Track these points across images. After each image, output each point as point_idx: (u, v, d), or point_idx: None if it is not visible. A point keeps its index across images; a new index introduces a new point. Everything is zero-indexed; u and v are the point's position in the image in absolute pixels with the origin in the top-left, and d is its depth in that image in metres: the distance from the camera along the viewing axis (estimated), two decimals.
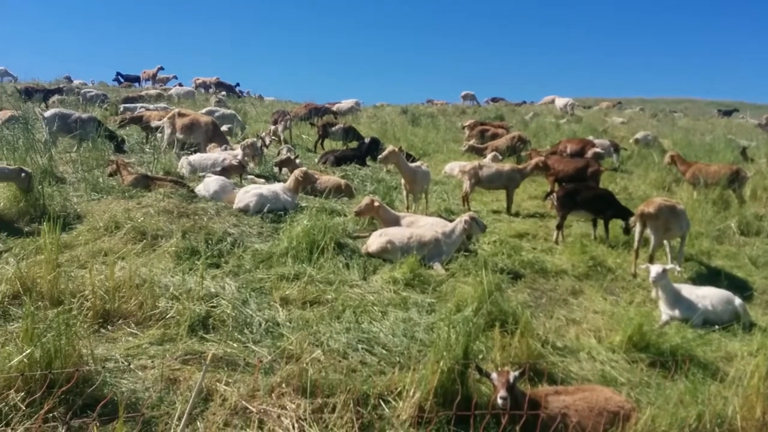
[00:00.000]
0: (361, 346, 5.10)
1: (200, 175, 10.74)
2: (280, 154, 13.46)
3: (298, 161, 12.39)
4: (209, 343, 4.97)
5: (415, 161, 11.70)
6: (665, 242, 8.73)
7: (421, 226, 8.34)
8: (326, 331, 5.30)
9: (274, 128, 17.33)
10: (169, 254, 6.81)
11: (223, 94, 27.72)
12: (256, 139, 13.27)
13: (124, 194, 8.96)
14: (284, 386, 4.23)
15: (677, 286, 7.00)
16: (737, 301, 6.97)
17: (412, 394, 4.19)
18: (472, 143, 17.13)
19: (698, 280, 8.23)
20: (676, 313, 6.75)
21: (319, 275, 6.63)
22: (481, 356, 5.06)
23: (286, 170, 12.05)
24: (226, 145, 12.78)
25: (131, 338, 4.94)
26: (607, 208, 9.65)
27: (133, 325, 5.12)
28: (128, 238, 7.12)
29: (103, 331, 5.04)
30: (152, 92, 24.37)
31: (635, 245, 8.45)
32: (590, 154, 14.27)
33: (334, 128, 17.70)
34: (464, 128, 20.02)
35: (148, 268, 6.06)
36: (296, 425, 3.88)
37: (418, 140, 19.30)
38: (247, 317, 5.44)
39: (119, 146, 12.84)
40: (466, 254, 8.05)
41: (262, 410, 3.98)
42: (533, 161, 11.80)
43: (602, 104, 37.04)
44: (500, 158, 14.62)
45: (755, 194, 12.78)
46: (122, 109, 17.47)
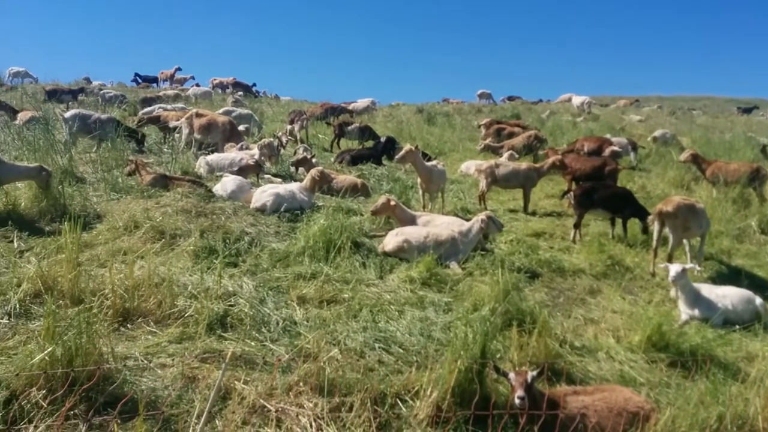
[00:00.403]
0: (378, 345, 5.10)
1: (218, 174, 10.83)
2: (296, 153, 13.52)
3: (314, 161, 12.43)
4: (227, 341, 5.01)
5: (430, 160, 11.68)
6: (685, 241, 8.64)
7: (437, 225, 8.33)
8: (343, 330, 5.32)
9: (290, 128, 17.39)
10: (187, 253, 6.87)
11: (240, 94, 27.87)
12: (272, 138, 13.33)
13: (142, 194, 9.05)
14: (302, 385, 4.25)
15: (697, 285, 6.93)
16: (758, 300, 6.87)
17: (429, 393, 4.19)
18: (488, 142, 17.07)
19: (718, 279, 8.13)
20: (695, 312, 6.68)
21: (335, 274, 6.65)
22: (498, 356, 5.05)
23: (302, 170, 12.10)
24: (243, 143, 12.87)
25: (150, 336, 4.99)
26: (625, 206, 9.57)
27: (152, 323, 5.18)
28: (147, 237, 7.19)
29: (122, 329, 5.10)
30: (170, 92, 24.57)
31: (654, 244, 8.36)
32: (608, 152, 14.15)
33: (350, 127, 17.73)
34: (480, 127, 19.94)
35: (166, 267, 6.12)
36: (314, 424, 3.90)
37: (434, 139, 19.26)
38: (264, 316, 5.48)
39: (140, 142, 13.00)
40: (482, 253, 8.03)
41: (280, 409, 4.00)
42: (550, 160, 11.72)
43: (619, 102, 36.69)
44: (517, 157, 14.55)
45: None
46: (142, 114, 17.61)
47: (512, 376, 4.03)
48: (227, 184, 9.72)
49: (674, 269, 6.73)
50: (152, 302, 5.35)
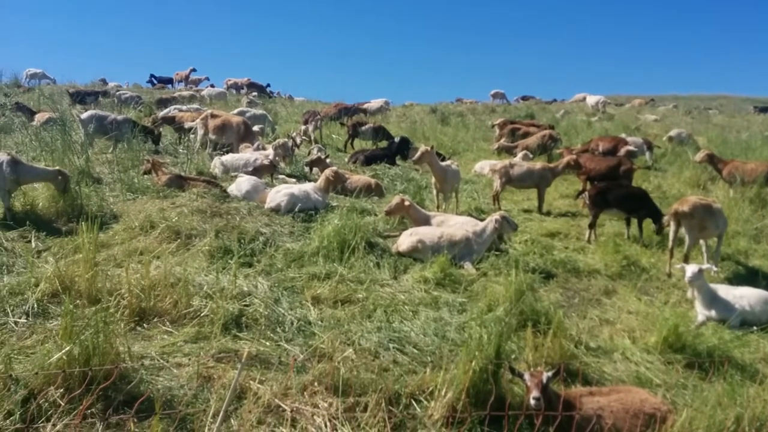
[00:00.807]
0: (392, 345, 5.10)
1: (232, 175, 10.89)
2: (310, 153, 13.56)
3: (328, 161, 12.45)
4: (243, 341, 5.04)
5: (444, 160, 11.67)
6: (701, 241, 8.55)
7: (451, 225, 8.32)
8: (357, 330, 5.33)
9: (304, 128, 17.45)
10: (202, 253, 6.91)
11: (254, 94, 28.00)
12: (287, 139, 13.38)
13: (158, 194, 9.13)
14: (316, 385, 4.26)
15: (714, 286, 6.85)
16: None
17: (444, 393, 4.18)
18: (502, 142, 17.01)
19: (735, 280, 8.05)
20: (712, 313, 6.61)
21: (350, 274, 6.66)
22: (513, 356, 5.03)
23: (316, 170, 12.13)
24: (258, 143, 12.94)
25: (166, 336, 5.03)
26: (640, 207, 9.50)
27: (168, 323, 5.21)
28: (163, 237, 7.24)
29: (139, 329, 5.14)
30: (185, 93, 24.71)
31: (670, 244, 8.29)
32: (623, 152, 14.03)
33: (363, 128, 17.76)
34: (494, 127, 19.88)
35: (182, 267, 6.17)
36: (329, 424, 3.91)
37: (447, 139, 19.25)
38: (279, 316, 5.50)
39: (156, 141, 13.12)
40: (497, 253, 8.01)
41: (295, 408, 4.01)
42: (565, 160, 11.66)
43: (635, 101, 36.36)
44: (531, 157, 14.49)
45: None
46: (159, 117, 17.76)
47: (527, 376, 4.02)
48: (242, 184, 9.78)
49: (691, 270, 6.66)
50: (168, 302, 5.39)
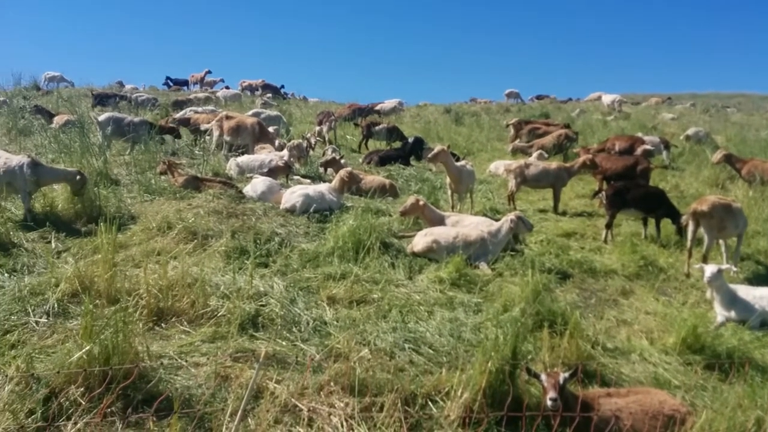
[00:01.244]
0: (407, 345, 5.10)
1: (248, 176, 10.95)
2: (325, 154, 13.60)
3: (343, 161, 12.49)
4: (259, 341, 5.07)
5: (459, 160, 11.64)
6: (721, 241, 8.47)
7: (466, 225, 8.30)
8: (373, 330, 5.33)
9: (318, 129, 17.50)
10: (219, 254, 6.96)
11: (268, 96, 28.11)
12: (301, 140, 13.44)
13: (175, 195, 9.21)
14: (333, 384, 4.28)
15: (733, 286, 6.77)
16: None
17: (460, 394, 4.18)
18: (517, 143, 16.92)
19: (755, 280, 7.95)
20: (732, 314, 6.54)
21: (365, 275, 6.67)
22: (529, 357, 5.01)
23: (331, 170, 12.17)
24: (279, 141, 13.07)
25: (184, 336, 5.07)
26: (658, 206, 9.42)
27: (185, 323, 5.26)
28: (180, 238, 7.30)
29: (157, 328, 5.19)
30: (200, 95, 24.89)
31: (688, 244, 8.21)
32: (640, 151, 13.91)
33: (377, 128, 17.77)
34: (508, 126, 19.79)
35: (199, 267, 6.20)
36: (345, 424, 3.92)
37: (461, 139, 19.20)
38: (295, 316, 5.52)
39: (177, 135, 13.28)
40: (512, 254, 7.97)
41: (311, 408, 4.03)
42: (581, 159, 11.58)
43: (651, 100, 36.02)
44: (546, 156, 14.41)
45: None
46: (174, 118, 17.91)
47: (544, 377, 4.00)
48: (257, 185, 9.83)
49: (710, 270, 6.59)
50: (185, 302, 5.44)
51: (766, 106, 39.34)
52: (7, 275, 6.08)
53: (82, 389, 3.97)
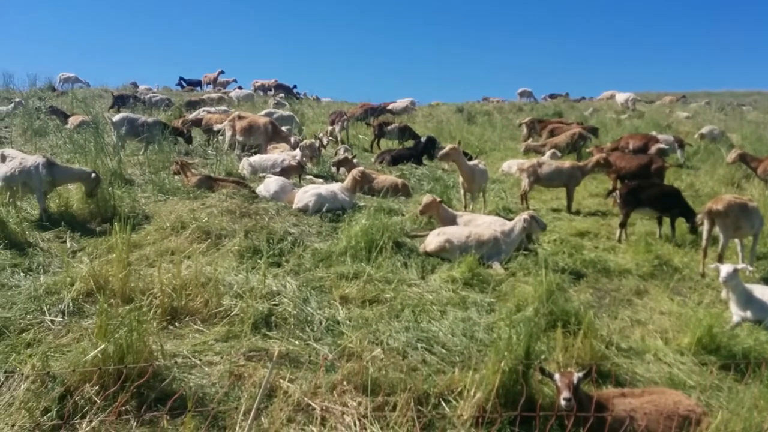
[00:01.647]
0: (420, 345, 5.10)
1: (261, 175, 10.99)
2: (337, 154, 13.61)
3: (355, 161, 12.50)
4: (272, 340, 5.08)
5: (471, 159, 11.61)
6: (737, 241, 8.37)
7: (479, 224, 8.28)
8: (386, 329, 5.33)
9: (331, 129, 17.53)
10: (232, 253, 6.99)
11: (281, 95, 28.19)
12: (314, 139, 13.47)
13: (188, 195, 9.26)
14: (345, 384, 4.28)
15: (749, 286, 6.68)
16: None
17: (473, 393, 4.16)
18: (529, 142, 16.84)
19: None
20: (748, 314, 6.45)
21: (377, 274, 6.67)
22: (543, 357, 4.98)
23: (343, 170, 12.18)
24: (294, 139, 13.16)
25: (198, 335, 5.10)
26: (673, 205, 9.33)
27: (199, 322, 5.29)
28: (193, 237, 7.35)
29: (171, 327, 5.22)
30: (213, 96, 25.01)
31: (703, 244, 8.12)
32: (654, 150, 13.78)
33: (389, 128, 17.77)
34: (521, 125, 19.71)
35: (212, 266, 6.24)
36: (358, 423, 3.92)
37: (474, 138, 19.14)
38: (308, 315, 5.54)
39: (189, 139, 13.37)
40: (525, 253, 7.94)
41: (324, 407, 4.04)
42: (594, 158, 11.50)
43: (665, 99, 35.63)
44: (559, 155, 14.33)
45: None
46: (187, 120, 18.01)
47: (557, 377, 3.97)
48: (270, 184, 9.87)
49: (725, 270, 6.52)
50: (199, 301, 5.47)
51: None
52: (23, 274, 6.16)
53: (96, 388, 4.00)
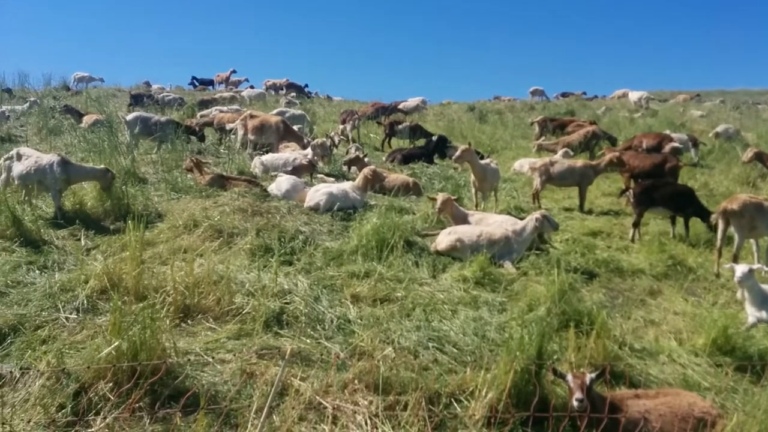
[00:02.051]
0: (431, 344, 5.09)
1: (272, 174, 11.02)
2: (348, 153, 13.62)
3: (366, 160, 12.50)
4: (284, 338, 5.10)
5: (483, 158, 11.58)
6: (752, 240, 8.28)
7: (490, 224, 8.25)
8: (397, 328, 5.32)
9: (342, 128, 17.56)
10: (244, 251, 7.02)
11: (292, 95, 28.28)
12: (325, 138, 13.49)
13: (201, 193, 9.30)
14: (357, 382, 4.28)
15: (765, 286, 6.60)
16: None
17: (484, 393, 4.15)
18: (541, 140, 16.76)
19: None
20: (763, 315, 6.36)
21: (388, 273, 6.66)
22: (555, 357, 4.95)
23: (354, 169, 12.19)
24: (308, 139, 13.19)
25: (210, 333, 5.13)
26: (687, 205, 9.25)
27: (211, 319, 5.31)
28: (206, 235, 7.38)
29: (183, 325, 5.25)
30: (226, 95, 25.11)
31: (718, 244, 8.05)
32: (668, 149, 13.67)
33: (400, 126, 17.77)
34: (533, 124, 19.62)
35: (224, 265, 6.26)
36: (369, 422, 3.92)
37: (485, 137, 19.10)
38: (319, 314, 5.54)
39: (201, 138, 13.44)
40: (537, 253, 7.90)
41: (336, 406, 4.04)
42: (607, 157, 11.42)
43: (679, 97, 35.31)
44: (572, 154, 14.25)
45: None
46: (200, 117, 18.06)
47: (570, 378, 3.94)
48: (282, 183, 9.89)
49: (740, 270, 6.44)
50: (211, 299, 5.50)
51: None
52: (38, 272, 6.22)
53: (110, 384, 4.03)
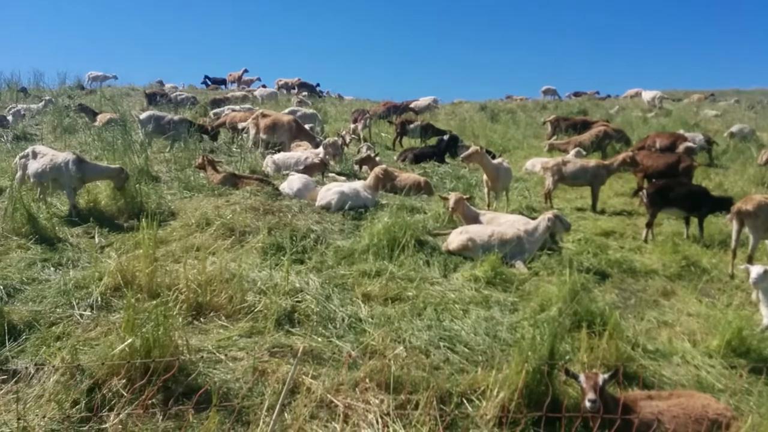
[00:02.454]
0: (442, 343, 5.08)
1: (284, 173, 11.05)
2: (360, 152, 13.63)
3: (377, 159, 12.50)
4: (295, 336, 5.11)
5: (495, 158, 11.54)
6: (767, 242, 8.19)
7: (501, 223, 8.22)
8: (408, 328, 5.32)
9: (353, 127, 17.56)
10: (256, 250, 7.04)
11: (304, 94, 28.35)
12: (336, 137, 13.50)
13: (213, 192, 9.36)
14: (368, 381, 4.28)
15: None
16: None
17: (496, 393, 4.14)
18: (552, 141, 16.68)
19: None
20: None
21: (399, 272, 6.66)
22: (567, 357, 4.93)
23: (366, 168, 12.19)
24: (318, 140, 13.19)
25: (222, 330, 5.15)
26: (701, 205, 9.16)
27: (223, 317, 5.34)
28: (218, 234, 7.42)
29: (196, 323, 5.28)
30: (238, 94, 25.20)
31: (733, 244, 7.97)
32: (682, 148, 13.54)
33: (411, 126, 17.76)
34: (545, 123, 19.53)
35: (236, 263, 6.30)
36: (380, 420, 3.92)
37: (497, 136, 19.04)
38: (330, 312, 5.55)
39: (214, 137, 13.50)
40: (549, 253, 7.86)
41: (347, 404, 4.05)
42: (620, 156, 11.34)
43: (693, 97, 35.00)
44: (584, 154, 14.17)
45: None
46: (213, 115, 18.14)
47: (583, 378, 3.93)
48: (293, 182, 9.92)
49: (755, 271, 6.37)
50: (223, 297, 5.52)
51: None
52: (53, 269, 6.29)
53: (124, 381, 4.06)
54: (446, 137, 15.51)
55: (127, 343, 4.23)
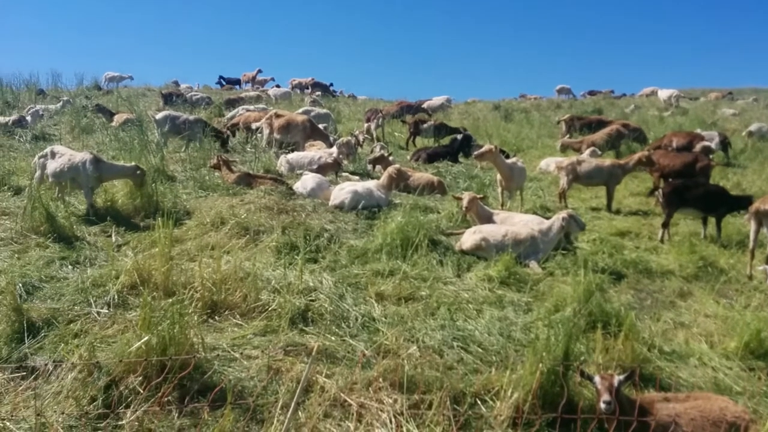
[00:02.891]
0: (456, 343, 5.07)
1: (298, 173, 11.09)
2: (373, 151, 13.64)
3: (391, 158, 12.50)
4: (309, 335, 5.13)
5: (509, 157, 11.49)
6: None
7: (515, 223, 8.18)
8: (421, 327, 5.32)
9: (367, 126, 17.57)
10: (270, 249, 7.07)
11: (318, 94, 28.42)
12: (350, 137, 13.52)
13: (228, 191, 9.41)
14: (381, 381, 4.29)
15: None
16: None
17: (510, 394, 4.13)
18: (565, 140, 16.57)
19: None
20: None
21: (413, 272, 6.65)
22: (582, 358, 4.89)
23: (379, 167, 12.19)
24: (331, 139, 13.22)
25: (236, 329, 5.18)
26: (719, 205, 9.05)
27: (238, 316, 5.37)
28: (233, 233, 7.46)
29: (211, 321, 5.32)
30: (252, 94, 25.32)
31: (751, 245, 7.87)
32: (699, 148, 13.40)
33: (425, 125, 17.74)
34: (559, 123, 19.42)
35: (251, 262, 6.33)
36: (393, 420, 3.93)
37: (511, 136, 18.96)
38: (344, 311, 5.56)
39: (224, 142, 13.56)
40: (564, 252, 7.81)
41: (360, 403, 4.05)
42: (636, 156, 11.24)
43: (710, 95, 34.65)
44: (599, 153, 14.06)
45: None
46: (227, 119, 18.21)
47: (598, 380, 3.90)
48: (307, 182, 9.95)
49: None
50: (238, 296, 5.56)
51: None
52: (70, 267, 6.36)
53: (140, 378, 4.10)
54: (460, 136, 15.47)
55: (143, 340, 4.28)
